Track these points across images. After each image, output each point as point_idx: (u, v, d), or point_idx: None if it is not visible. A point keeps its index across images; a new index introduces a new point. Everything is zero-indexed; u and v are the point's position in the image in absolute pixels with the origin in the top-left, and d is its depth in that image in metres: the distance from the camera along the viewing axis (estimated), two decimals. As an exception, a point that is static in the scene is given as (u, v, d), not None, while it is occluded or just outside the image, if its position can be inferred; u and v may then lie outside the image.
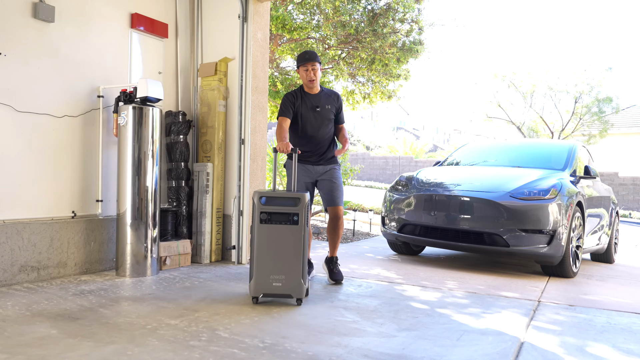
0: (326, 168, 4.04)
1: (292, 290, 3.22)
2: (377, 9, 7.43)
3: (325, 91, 4.08)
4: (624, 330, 3.04)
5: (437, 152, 34.34)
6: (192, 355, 2.31)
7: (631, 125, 22.10)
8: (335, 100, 4.08)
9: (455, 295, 3.78)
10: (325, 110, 4.00)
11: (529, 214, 4.50)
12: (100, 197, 4.12)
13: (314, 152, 4.00)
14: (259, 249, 3.19)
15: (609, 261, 6.31)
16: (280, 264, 3.19)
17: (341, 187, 4.08)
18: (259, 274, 3.19)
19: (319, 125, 3.98)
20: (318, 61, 3.95)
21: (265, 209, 3.18)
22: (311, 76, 3.91)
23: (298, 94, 4.01)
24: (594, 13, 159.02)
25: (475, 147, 6.61)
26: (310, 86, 3.98)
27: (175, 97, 4.85)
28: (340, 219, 4.03)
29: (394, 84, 8.63)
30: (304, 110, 3.96)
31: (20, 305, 3.02)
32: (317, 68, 3.92)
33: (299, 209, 3.20)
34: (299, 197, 3.23)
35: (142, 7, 4.47)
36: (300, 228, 3.20)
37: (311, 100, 3.98)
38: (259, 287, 3.20)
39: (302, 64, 3.93)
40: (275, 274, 3.19)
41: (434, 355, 2.45)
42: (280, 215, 3.19)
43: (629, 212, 16.13)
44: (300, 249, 3.20)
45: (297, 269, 3.20)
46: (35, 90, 3.72)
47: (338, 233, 4.04)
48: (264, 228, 3.19)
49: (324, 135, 4.01)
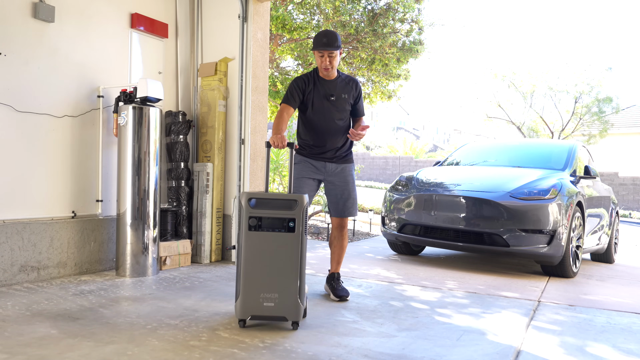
0: (339, 167, 3.50)
1: (287, 312, 2.69)
2: (377, 9, 7.43)
3: (342, 77, 3.50)
4: (624, 330, 3.04)
5: (437, 152, 34.33)
6: (192, 355, 2.31)
7: (631, 125, 22.10)
8: (354, 89, 3.50)
9: (455, 295, 3.78)
10: (342, 100, 3.44)
11: (529, 214, 4.50)
12: (100, 197, 4.12)
13: (327, 147, 3.46)
14: (247, 261, 2.66)
15: (609, 261, 6.31)
16: (273, 280, 2.67)
17: (356, 193, 3.56)
18: (247, 292, 2.66)
19: (333, 116, 3.43)
20: (337, 47, 3.33)
21: (255, 213, 2.66)
22: (327, 64, 3.35)
23: (310, 78, 3.44)
24: (594, 13, 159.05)
25: (475, 147, 6.61)
26: (325, 74, 3.42)
27: (175, 97, 4.85)
28: (346, 228, 3.58)
29: (394, 84, 8.64)
30: (316, 98, 3.41)
31: (20, 305, 3.02)
32: (334, 55, 3.34)
33: (296, 213, 2.68)
34: (295, 199, 2.72)
35: (142, 7, 4.47)
36: (297, 236, 2.68)
37: (325, 87, 3.42)
38: (246, 307, 2.67)
39: (317, 49, 3.35)
40: (266, 292, 2.66)
41: (434, 355, 2.45)
42: (273, 221, 2.67)
43: (629, 212, 16.14)
44: (297, 261, 2.68)
45: (294, 286, 2.68)
46: (35, 90, 3.72)
47: (344, 245, 3.58)
48: (254, 236, 2.66)
49: (338, 128, 3.46)
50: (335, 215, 3.54)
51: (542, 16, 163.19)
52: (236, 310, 2.71)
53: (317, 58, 3.39)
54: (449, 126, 53.88)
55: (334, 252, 3.59)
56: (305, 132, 3.50)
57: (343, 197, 3.50)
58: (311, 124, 3.46)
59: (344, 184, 3.50)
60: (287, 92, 3.41)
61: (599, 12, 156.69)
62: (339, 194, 3.50)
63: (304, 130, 3.50)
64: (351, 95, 3.49)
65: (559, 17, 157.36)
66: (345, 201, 3.50)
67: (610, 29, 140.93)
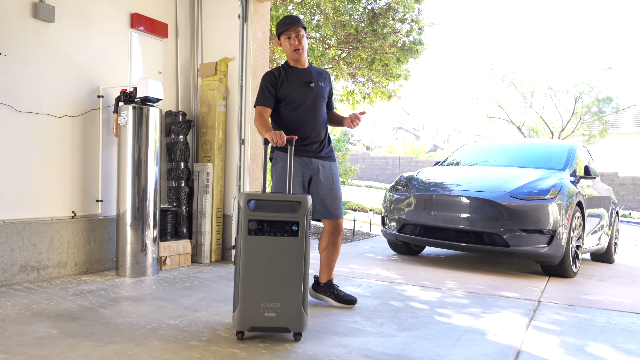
0: (324, 164, 3.22)
1: (290, 323, 2.51)
2: (377, 9, 7.44)
3: (314, 67, 3.30)
4: (624, 330, 3.04)
5: (437, 152, 34.34)
6: (192, 355, 2.31)
7: (631, 125, 22.11)
8: (328, 80, 3.32)
9: (455, 295, 3.78)
10: (320, 88, 3.21)
11: (529, 214, 4.50)
12: (100, 197, 4.12)
13: (311, 139, 3.17)
14: (247, 268, 2.48)
15: (609, 261, 6.31)
16: (275, 288, 2.49)
17: (341, 192, 3.29)
18: (247, 302, 2.47)
19: (314, 104, 3.17)
20: (302, 26, 3.14)
21: (255, 216, 2.48)
22: (295, 44, 3.11)
23: (281, 71, 3.18)
24: (594, 13, 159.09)
25: (475, 147, 6.61)
26: (297, 57, 3.15)
27: (175, 97, 4.85)
28: (341, 233, 3.30)
29: (394, 84, 8.64)
30: (293, 87, 3.14)
31: (20, 305, 3.02)
32: (302, 34, 3.12)
33: (300, 215, 2.51)
34: (299, 200, 2.53)
35: (142, 7, 4.47)
36: (301, 240, 2.51)
37: (301, 75, 3.19)
38: (245, 318, 2.48)
39: (283, 31, 3.13)
40: (267, 302, 2.48)
41: (434, 355, 2.45)
42: (275, 224, 2.49)
43: (629, 212, 16.14)
44: (300, 268, 2.51)
45: (297, 294, 2.51)
46: (35, 90, 3.72)
47: (337, 250, 3.30)
48: (254, 241, 2.48)
49: (320, 117, 3.21)
50: (328, 217, 3.22)
51: (542, 16, 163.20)
52: (234, 321, 2.53)
53: (284, 44, 3.16)
54: (449, 126, 53.88)
55: (327, 257, 3.29)
56: (284, 126, 3.17)
57: (332, 197, 3.21)
58: (291, 116, 3.16)
59: (331, 183, 3.22)
60: (259, 92, 3.15)
61: (599, 12, 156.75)
62: (326, 193, 3.19)
63: (282, 124, 3.18)
64: (327, 85, 3.28)
65: (559, 17, 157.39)
66: (334, 200, 3.21)
67: (610, 29, 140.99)
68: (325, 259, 3.30)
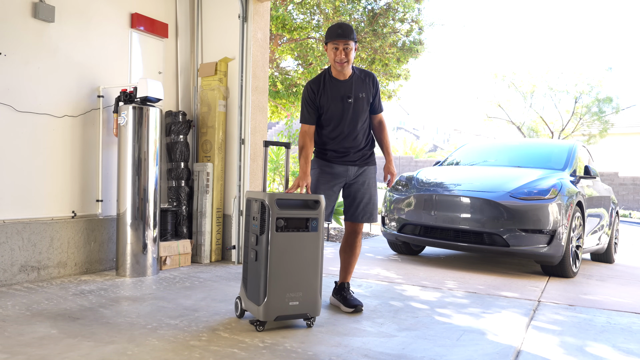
0: (361, 170, 3.23)
1: (309, 309, 2.77)
2: (377, 8, 7.44)
3: (357, 73, 3.17)
4: (624, 330, 3.04)
5: (437, 152, 34.33)
6: (192, 355, 2.31)
7: (631, 125, 22.12)
8: (371, 85, 3.19)
9: (455, 295, 3.78)
10: (360, 101, 3.13)
11: (529, 214, 4.50)
12: (100, 197, 4.12)
13: (351, 150, 3.18)
14: (275, 262, 2.68)
15: (609, 261, 6.31)
16: (298, 278, 2.74)
17: (377, 197, 3.28)
18: (275, 293, 2.68)
19: (353, 118, 3.13)
20: (354, 39, 3.02)
21: (282, 214, 2.69)
22: (342, 57, 3.01)
23: (320, 83, 3.12)
24: (594, 13, 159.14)
25: (475, 147, 6.61)
26: (340, 69, 3.07)
27: (175, 97, 4.85)
28: (360, 234, 3.31)
29: (394, 84, 8.64)
30: (331, 101, 3.10)
31: (21, 305, 3.02)
32: (351, 48, 3.01)
33: (318, 212, 2.79)
34: (317, 199, 2.82)
35: (142, 7, 4.47)
36: (318, 234, 2.80)
37: (340, 88, 3.10)
38: (272, 309, 2.67)
39: (331, 40, 3.02)
40: (292, 292, 2.72)
41: (434, 355, 2.45)
42: (298, 221, 2.74)
43: (629, 212, 16.14)
44: (318, 259, 2.80)
45: (315, 282, 2.79)
46: (35, 90, 3.72)
47: (357, 253, 3.31)
48: (281, 237, 2.69)
49: (358, 130, 3.17)
50: (350, 219, 3.25)
51: (542, 16, 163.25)
52: (259, 313, 2.67)
53: (330, 52, 3.05)
54: (449, 126, 53.86)
55: (345, 260, 3.31)
56: (320, 138, 3.21)
57: (364, 200, 3.22)
58: (330, 130, 3.15)
59: (365, 186, 3.23)
60: (301, 107, 3.15)
61: (598, 13, 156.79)
62: (359, 197, 3.22)
63: (318, 137, 3.21)
64: (369, 93, 3.18)
65: (559, 17, 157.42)
66: (368, 204, 3.23)
67: (610, 29, 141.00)
68: (342, 260, 3.35)
